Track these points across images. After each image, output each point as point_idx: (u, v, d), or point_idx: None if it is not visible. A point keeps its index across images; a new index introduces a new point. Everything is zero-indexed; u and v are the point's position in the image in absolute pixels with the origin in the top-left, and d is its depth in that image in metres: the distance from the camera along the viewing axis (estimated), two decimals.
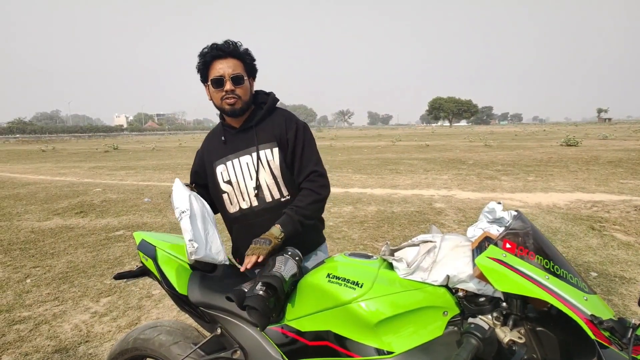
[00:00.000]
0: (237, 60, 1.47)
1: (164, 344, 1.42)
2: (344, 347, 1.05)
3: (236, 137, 1.54)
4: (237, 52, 1.47)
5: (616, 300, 2.92)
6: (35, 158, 19.46)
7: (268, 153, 1.49)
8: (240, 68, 1.47)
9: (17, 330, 2.70)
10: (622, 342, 0.78)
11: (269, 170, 1.48)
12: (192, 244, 1.26)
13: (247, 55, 1.50)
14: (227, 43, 1.46)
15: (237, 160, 1.51)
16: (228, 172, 1.52)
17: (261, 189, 1.49)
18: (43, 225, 5.55)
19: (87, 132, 68.22)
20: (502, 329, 0.89)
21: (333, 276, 1.10)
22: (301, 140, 1.51)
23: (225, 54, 1.45)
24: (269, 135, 1.50)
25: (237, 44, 1.48)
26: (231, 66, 1.45)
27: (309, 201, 1.44)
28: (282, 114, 1.56)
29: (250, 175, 1.49)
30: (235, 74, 1.44)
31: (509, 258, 0.91)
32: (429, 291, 1.03)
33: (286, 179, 1.50)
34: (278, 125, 1.52)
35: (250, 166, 1.49)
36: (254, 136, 1.50)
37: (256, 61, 1.54)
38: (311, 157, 1.52)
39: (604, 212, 5.57)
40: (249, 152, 1.50)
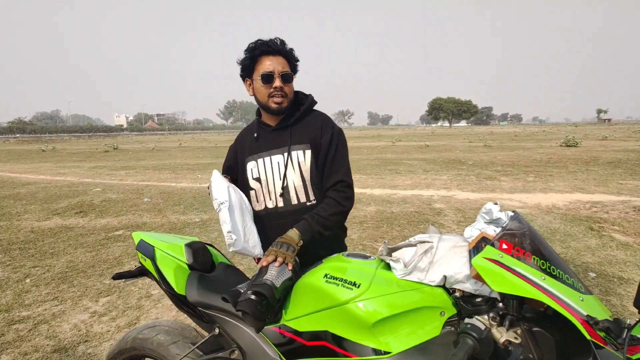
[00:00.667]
0: (284, 58, 1.47)
1: (163, 344, 1.43)
2: (341, 347, 1.06)
3: (270, 135, 1.53)
4: (284, 51, 1.47)
5: (614, 301, 2.92)
6: (35, 158, 19.46)
7: (300, 154, 1.47)
8: (287, 66, 1.47)
9: (17, 329, 2.70)
10: (617, 343, 0.78)
11: (298, 172, 1.47)
12: (231, 235, 1.25)
13: (292, 55, 1.49)
14: (275, 41, 1.46)
15: (269, 159, 1.50)
16: (258, 170, 1.51)
17: (288, 190, 1.47)
18: (43, 225, 5.55)
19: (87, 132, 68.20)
20: (498, 329, 0.90)
21: (330, 276, 1.10)
22: (335, 145, 1.49)
23: (274, 51, 1.45)
24: (303, 136, 1.49)
25: (284, 42, 1.48)
26: (281, 63, 1.45)
27: (331, 212, 1.41)
28: (319, 117, 1.55)
29: (279, 175, 1.48)
30: (285, 72, 1.44)
31: (506, 259, 0.91)
32: (426, 291, 1.04)
33: (315, 183, 1.48)
34: (314, 127, 1.50)
35: (281, 166, 1.48)
36: (288, 136, 1.49)
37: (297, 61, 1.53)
38: (342, 165, 1.49)
39: (603, 213, 5.58)
40: (281, 151, 1.49)
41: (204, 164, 14.37)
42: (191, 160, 15.85)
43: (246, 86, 1.54)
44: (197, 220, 5.65)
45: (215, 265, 1.52)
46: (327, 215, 1.40)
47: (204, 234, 4.97)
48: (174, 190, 8.29)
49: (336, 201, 1.44)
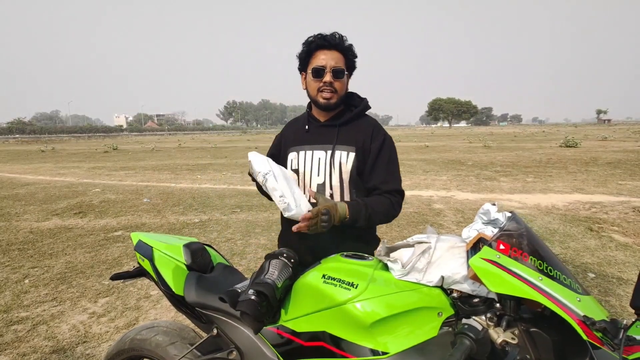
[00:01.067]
0: (340, 54, 1.45)
1: (161, 345, 1.43)
2: (339, 348, 1.06)
3: (317, 130, 1.53)
4: (341, 46, 1.45)
5: (614, 302, 2.92)
6: (34, 158, 19.45)
7: (343, 155, 1.46)
8: (342, 62, 1.45)
9: (15, 330, 2.70)
10: (613, 343, 0.78)
11: (338, 172, 1.46)
12: (283, 199, 1.24)
13: (349, 51, 1.47)
14: (333, 35, 1.44)
15: (311, 153, 1.49)
16: (298, 161, 1.51)
17: (324, 187, 1.47)
18: (42, 226, 5.55)
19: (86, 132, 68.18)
20: (495, 330, 0.90)
21: (328, 277, 1.10)
22: (387, 153, 1.49)
23: (330, 45, 1.44)
24: (350, 138, 1.48)
25: (343, 37, 1.46)
26: (334, 58, 1.43)
27: (383, 209, 1.41)
28: (370, 122, 1.54)
29: (318, 171, 1.47)
30: (336, 67, 1.43)
31: (503, 259, 0.91)
32: (424, 292, 1.04)
33: (352, 185, 1.47)
34: (363, 131, 1.49)
35: (321, 162, 1.47)
36: (335, 135, 1.48)
37: (356, 57, 1.51)
38: (396, 174, 1.50)
39: (602, 213, 5.58)
40: (324, 148, 1.48)
41: (203, 164, 14.37)
42: (191, 161, 15.85)
43: (301, 79, 1.55)
44: (197, 221, 5.65)
45: (213, 266, 1.52)
46: (379, 210, 1.40)
47: (203, 234, 4.97)
48: (174, 191, 8.29)
49: (391, 203, 1.44)
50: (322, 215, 1.25)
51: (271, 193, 1.29)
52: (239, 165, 13.77)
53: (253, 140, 38.29)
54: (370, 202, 1.40)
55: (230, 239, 4.74)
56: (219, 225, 5.40)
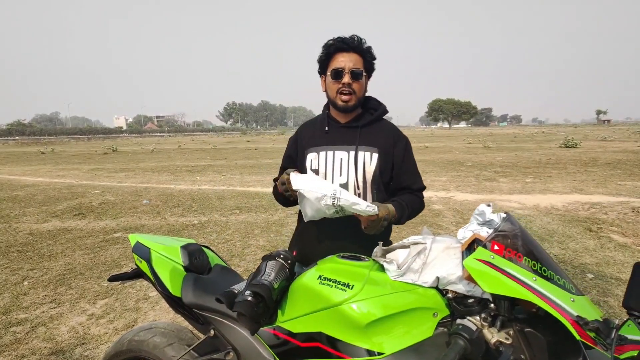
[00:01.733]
0: (358, 56, 1.48)
1: (158, 346, 1.43)
2: (335, 349, 1.06)
3: (338, 131, 1.55)
4: (360, 48, 1.47)
5: (612, 302, 2.92)
6: (34, 160, 19.45)
7: (367, 156, 1.49)
8: (360, 64, 1.47)
9: (14, 332, 2.70)
10: (606, 343, 0.79)
11: (362, 172, 1.49)
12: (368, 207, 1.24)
13: (368, 53, 1.50)
14: (352, 38, 1.47)
15: (332, 153, 1.51)
16: (318, 162, 1.52)
17: (346, 187, 1.49)
18: (41, 228, 5.55)
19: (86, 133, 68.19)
20: (489, 330, 0.90)
21: (324, 278, 1.11)
22: (411, 155, 1.59)
23: (349, 48, 1.46)
24: (372, 140, 1.52)
25: (362, 40, 1.48)
26: (353, 60, 1.46)
27: (417, 207, 1.54)
28: (390, 126, 1.60)
29: (340, 171, 1.49)
30: (355, 69, 1.45)
31: (497, 260, 0.92)
32: (420, 293, 1.04)
33: (374, 186, 1.51)
34: (385, 135, 1.54)
35: (343, 162, 1.49)
36: (357, 136, 1.51)
37: (374, 59, 1.54)
38: (419, 173, 1.60)
39: (601, 214, 5.59)
40: (346, 149, 1.50)
41: (203, 165, 14.38)
42: (190, 162, 15.86)
43: (321, 82, 1.57)
44: (196, 222, 5.65)
45: (211, 267, 1.52)
46: (415, 207, 1.53)
47: (203, 235, 4.97)
48: (173, 192, 8.29)
49: (421, 201, 1.57)
50: (383, 221, 1.33)
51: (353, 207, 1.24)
52: (238, 166, 13.78)
53: (253, 141, 38.31)
54: (408, 202, 1.49)
55: (229, 240, 4.74)
56: (218, 226, 5.41)
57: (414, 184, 1.56)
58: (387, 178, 1.54)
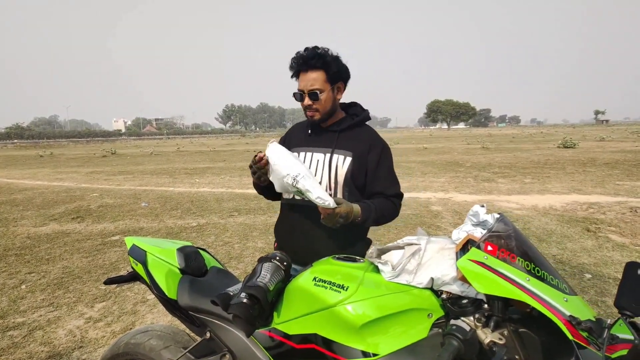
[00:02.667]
0: (318, 72, 1.49)
1: (155, 349, 1.43)
2: (330, 350, 1.06)
3: (319, 134, 1.63)
4: (317, 64, 1.48)
5: (610, 302, 2.93)
6: (32, 163, 19.43)
7: (340, 159, 1.56)
8: (320, 81, 1.49)
9: (11, 336, 2.69)
10: (598, 342, 0.79)
11: (334, 174, 1.55)
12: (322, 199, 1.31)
13: (329, 66, 1.50)
14: (306, 56, 1.49)
15: (311, 154, 1.60)
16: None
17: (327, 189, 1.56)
18: (39, 231, 5.54)
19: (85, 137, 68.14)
20: (483, 331, 0.90)
21: (319, 279, 1.11)
22: (387, 161, 1.61)
23: (307, 67, 1.49)
24: (348, 144, 1.58)
25: (320, 54, 1.49)
26: (310, 80, 1.49)
27: (387, 213, 1.55)
28: (369, 132, 1.64)
29: (315, 171, 1.57)
30: (311, 90, 1.49)
31: (490, 260, 0.92)
32: (414, 294, 1.04)
33: (345, 188, 1.56)
34: (362, 140, 1.59)
35: (319, 164, 1.57)
36: (335, 139, 1.58)
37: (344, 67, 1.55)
38: (396, 179, 1.63)
39: (599, 214, 5.59)
40: (324, 151, 1.58)
41: (201, 168, 14.38)
42: (189, 165, 15.85)
43: None
44: (194, 225, 5.65)
45: (207, 270, 1.52)
46: (386, 213, 1.55)
47: (201, 238, 4.96)
48: (172, 195, 8.29)
49: (394, 206, 1.59)
50: (339, 217, 1.37)
51: (306, 193, 1.33)
52: (237, 168, 13.78)
53: (252, 143, 38.31)
54: (378, 205, 1.53)
55: (227, 242, 4.74)
56: (217, 229, 5.40)
57: (387, 189, 1.59)
58: (359, 182, 1.58)
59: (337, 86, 1.56)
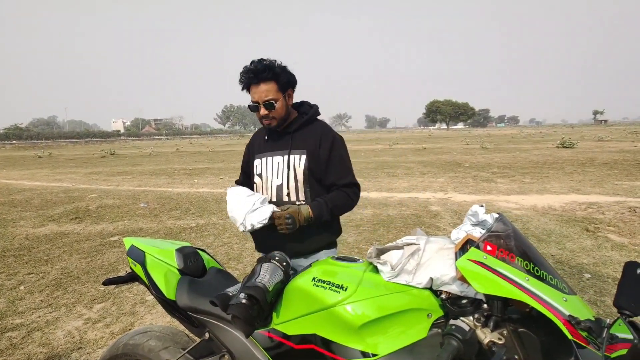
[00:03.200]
0: (269, 84, 1.55)
1: (154, 349, 1.42)
2: (329, 350, 1.06)
3: (275, 138, 1.71)
4: (268, 76, 1.54)
5: (609, 302, 2.93)
6: (31, 164, 19.39)
7: (297, 158, 1.63)
8: (272, 91, 1.55)
9: (9, 337, 2.68)
10: (598, 342, 0.79)
11: (293, 174, 1.63)
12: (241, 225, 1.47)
13: (279, 76, 1.56)
14: (256, 69, 1.54)
15: (271, 158, 1.68)
16: (261, 167, 1.70)
17: (282, 188, 1.64)
18: (38, 232, 5.53)
19: (84, 137, 68.02)
20: (482, 330, 0.90)
21: (318, 280, 1.11)
22: (338, 152, 1.65)
23: (258, 80, 1.55)
24: (302, 143, 1.64)
25: (269, 65, 1.55)
26: (264, 91, 1.55)
27: (342, 202, 1.62)
28: (319, 127, 1.69)
29: (277, 174, 1.65)
30: (266, 101, 1.55)
31: (490, 260, 0.92)
32: (414, 294, 1.04)
33: (306, 185, 1.63)
34: (313, 137, 1.65)
35: (279, 166, 1.65)
36: (290, 140, 1.66)
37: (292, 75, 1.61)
38: (349, 169, 1.68)
39: (598, 214, 5.60)
40: (282, 153, 1.66)
41: (200, 168, 14.36)
42: (188, 165, 15.83)
43: None
44: (194, 225, 5.64)
45: (206, 270, 1.52)
46: (339, 203, 1.61)
47: (200, 239, 4.96)
48: (171, 196, 8.28)
49: (348, 195, 1.64)
50: (285, 219, 1.45)
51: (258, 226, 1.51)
52: (236, 169, 13.74)
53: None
54: (330, 198, 1.60)
55: (226, 243, 4.73)
56: (216, 229, 5.39)
57: (339, 179, 1.64)
58: (318, 176, 1.65)
59: (288, 93, 1.63)
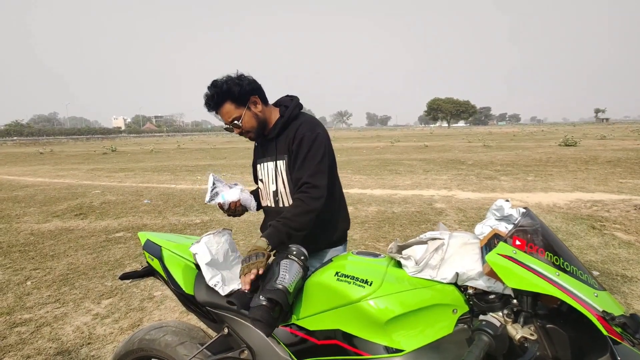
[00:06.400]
0: (227, 104, 1.52)
1: (170, 345, 1.42)
2: (353, 346, 1.05)
3: (264, 145, 1.68)
4: (220, 100, 1.51)
5: (619, 299, 2.92)
6: (33, 160, 19.39)
7: (281, 164, 1.59)
8: (233, 110, 1.52)
9: (19, 332, 2.68)
10: (634, 338, 0.78)
11: (281, 179, 1.60)
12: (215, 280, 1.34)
13: (232, 93, 1.50)
14: (209, 98, 1.52)
15: (266, 164, 1.66)
16: (261, 173, 1.70)
17: (277, 193, 1.62)
18: (42, 228, 5.53)
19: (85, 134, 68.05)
20: (513, 326, 0.89)
21: (342, 274, 1.09)
22: (304, 150, 1.50)
23: (215, 107, 1.53)
24: (284, 147, 1.59)
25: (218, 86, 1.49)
26: (225, 114, 1.53)
27: (295, 212, 1.43)
28: (295, 125, 1.57)
29: (272, 179, 1.63)
30: (231, 121, 1.54)
31: (519, 255, 0.91)
32: (438, 289, 1.03)
33: (292, 189, 1.57)
34: (290, 138, 1.56)
35: (272, 172, 1.63)
36: (274, 147, 1.61)
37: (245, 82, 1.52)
38: (308, 167, 1.49)
39: (604, 212, 5.59)
40: (272, 159, 1.63)
41: (203, 165, 14.35)
42: (190, 162, 15.82)
43: None
44: (198, 222, 5.63)
45: None
46: (291, 216, 1.42)
47: None
48: (174, 192, 8.27)
49: (301, 201, 1.45)
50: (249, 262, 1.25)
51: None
52: (238, 165, 13.75)
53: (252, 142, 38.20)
54: (282, 216, 1.43)
55: (232, 238, 4.72)
56: (221, 225, 5.37)
57: (298, 179, 1.50)
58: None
59: (251, 102, 1.54)
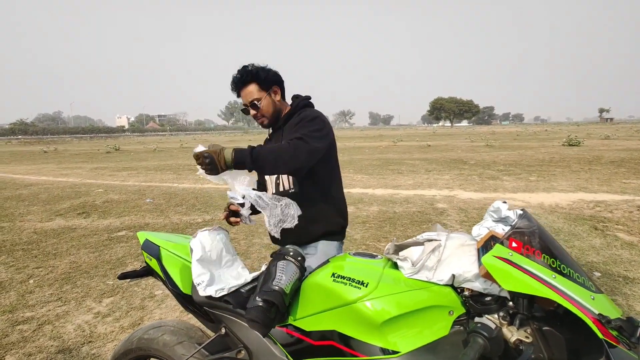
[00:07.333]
0: (251, 85, 1.64)
1: (168, 344, 1.42)
2: (349, 347, 1.05)
3: (275, 135, 1.79)
4: (248, 79, 1.63)
5: (620, 300, 2.91)
6: (37, 159, 19.51)
7: None
8: (255, 92, 1.64)
9: (21, 330, 2.70)
10: (630, 342, 0.78)
11: None
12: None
13: (258, 76, 1.63)
14: (237, 75, 1.64)
15: None
16: None
17: (279, 177, 1.71)
18: (45, 226, 5.56)
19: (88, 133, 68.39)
20: (508, 329, 0.89)
21: (338, 275, 1.10)
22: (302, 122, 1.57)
23: (242, 84, 1.65)
24: (290, 135, 1.63)
25: (247, 68, 1.63)
26: (248, 94, 1.65)
27: (271, 149, 1.41)
28: (299, 116, 1.66)
29: None
30: (251, 101, 1.65)
31: (516, 257, 0.90)
32: (435, 290, 1.03)
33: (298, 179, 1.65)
34: (295, 122, 1.65)
35: None
36: (281, 135, 1.70)
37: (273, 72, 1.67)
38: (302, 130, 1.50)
39: (606, 212, 5.55)
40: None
41: None
42: (193, 161, 15.77)
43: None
44: (200, 221, 5.65)
45: None
46: (267, 150, 1.40)
47: None
48: (176, 191, 8.30)
49: (287, 145, 1.42)
50: (204, 158, 1.31)
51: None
52: None
53: (255, 140, 38.30)
54: (263, 147, 1.42)
55: (233, 238, 4.73)
56: (223, 225, 5.40)
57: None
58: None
59: (273, 90, 1.68)
